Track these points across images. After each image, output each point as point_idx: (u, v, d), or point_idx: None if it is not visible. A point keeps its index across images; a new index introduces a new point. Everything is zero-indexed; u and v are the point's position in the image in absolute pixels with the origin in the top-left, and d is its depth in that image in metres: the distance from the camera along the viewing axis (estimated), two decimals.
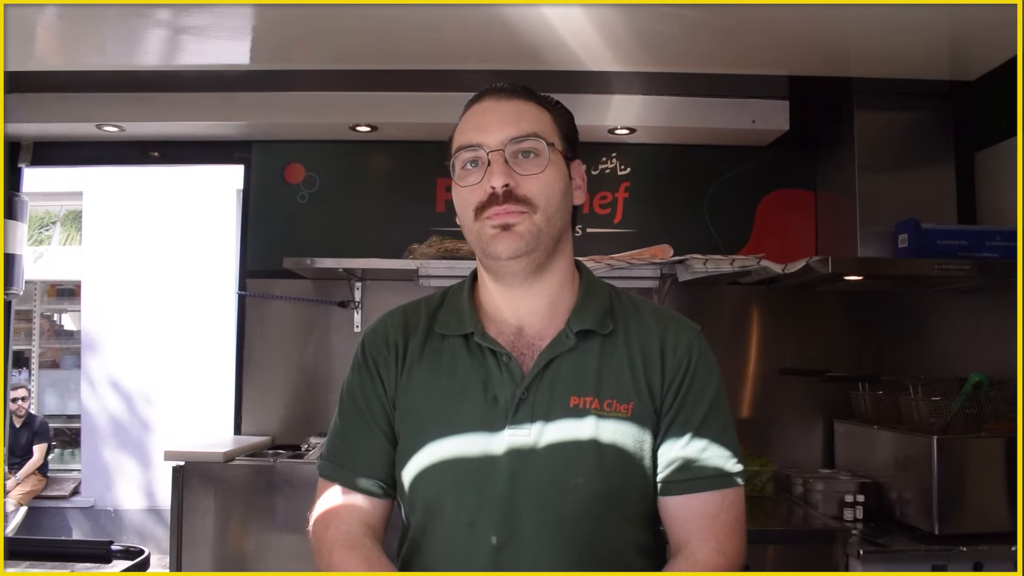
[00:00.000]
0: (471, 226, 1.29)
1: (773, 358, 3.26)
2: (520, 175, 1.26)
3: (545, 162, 1.27)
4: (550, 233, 1.28)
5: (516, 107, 1.30)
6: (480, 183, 1.26)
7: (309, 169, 3.38)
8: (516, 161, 1.26)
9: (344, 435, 1.36)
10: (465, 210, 1.29)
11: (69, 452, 7.76)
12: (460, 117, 1.35)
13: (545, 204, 1.27)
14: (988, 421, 2.62)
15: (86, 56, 2.71)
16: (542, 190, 1.26)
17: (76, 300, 7.74)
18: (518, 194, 1.25)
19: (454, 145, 1.32)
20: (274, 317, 3.34)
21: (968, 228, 2.83)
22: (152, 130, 3.25)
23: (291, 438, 3.22)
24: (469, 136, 1.28)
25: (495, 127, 1.27)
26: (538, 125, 1.29)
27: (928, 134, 3.00)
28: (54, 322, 8.39)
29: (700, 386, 1.30)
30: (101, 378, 7.24)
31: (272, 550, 2.78)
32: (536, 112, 1.31)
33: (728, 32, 2.54)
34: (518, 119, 1.28)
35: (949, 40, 2.62)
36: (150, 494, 7.04)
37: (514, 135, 1.26)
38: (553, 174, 1.28)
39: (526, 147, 1.27)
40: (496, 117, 1.28)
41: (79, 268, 7.45)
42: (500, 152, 1.25)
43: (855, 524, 2.62)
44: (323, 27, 2.51)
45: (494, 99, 1.31)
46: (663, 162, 3.37)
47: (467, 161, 1.28)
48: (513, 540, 1.22)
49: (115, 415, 7.20)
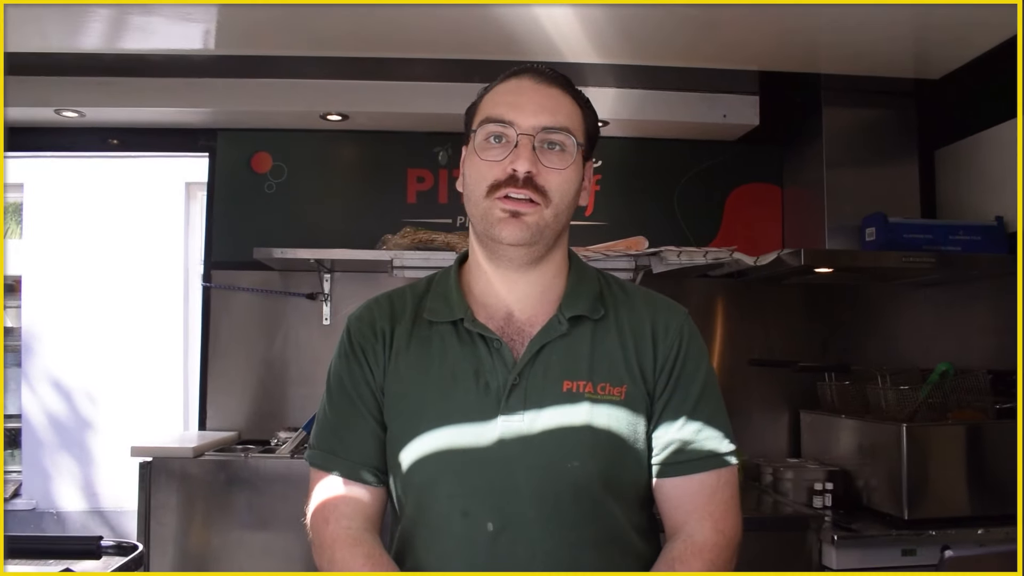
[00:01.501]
0: (480, 202, 1.27)
1: (740, 350, 3.31)
2: (544, 166, 1.25)
3: (571, 159, 1.27)
4: (555, 229, 1.28)
5: (555, 95, 1.28)
6: (502, 161, 1.24)
7: (277, 159, 3.31)
8: (542, 150, 1.25)
9: (334, 423, 1.33)
10: (478, 184, 1.27)
11: (9, 453, 7.47)
12: (490, 87, 1.32)
13: (559, 200, 1.26)
14: (951, 410, 2.71)
15: (29, 38, 2.56)
16: (559, 185, 1.26)
17: (16, 296, 7.46)
18: (537, 183, 1.24)
19: (481, 114, 1.29)
20: (240, 309, 3.26)
21: (933, 222, 2.92)
22: (113, 116, 3.13)
23: (258, 433, 3.15)
24: (502, 111, 1.26)
25: (531, 109, 1.25)
26: (572, 120, 1.28)
27: (893, 131, 3.08)
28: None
29: (692, 367, 1.31)
30: (42, 376, 6.98)
31: (243, 547, 2.72)
32: (571, 106, 1.30)
33: (701, 27, 2.57)
34: (555, 108, 1.27)
35: (914, 40, 2.69)
36: (93, 495, 6.83)
37: (548, 124, 1.25)
38: (573, 173, 1.28)
39: (556, 139, 1.26)
40: (533, 99, 1.27)
41: (19, 263, 7.18)
42: (531, 137, 1.24)
43: (825, 511, 2.67)
44: (293, 12, 2.44)
45: (534, 80, 1.29)
46: (634, 155, 3.39)
47: (492, 135, 1.26)
48: (509, 526, 1.21)
49: (57, 414, 6.95)
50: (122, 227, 6.88)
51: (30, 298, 7.07)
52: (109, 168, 6.67)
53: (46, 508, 6.84)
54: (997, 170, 2.90)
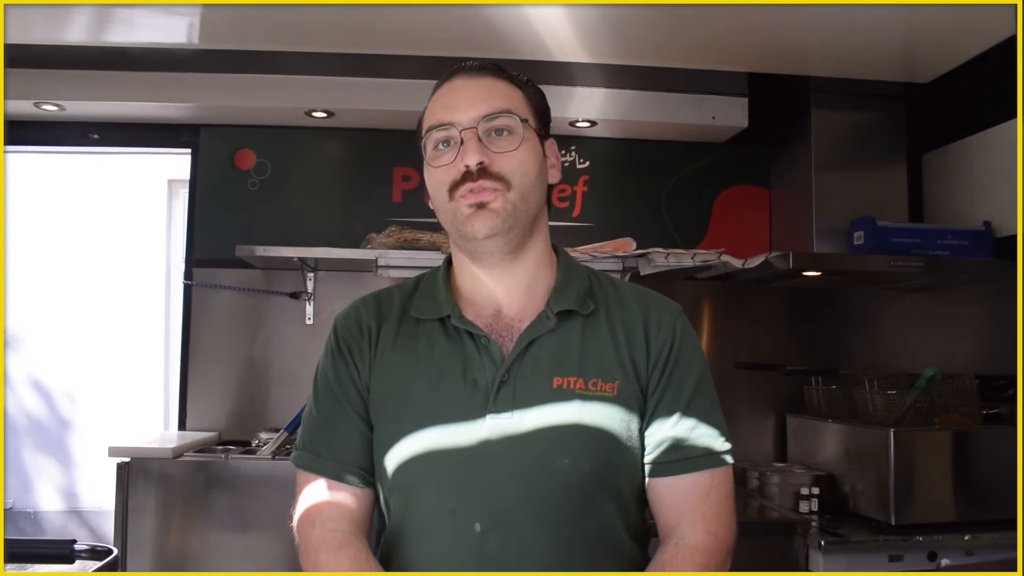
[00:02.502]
0: (446, 207, 1.26)
1: (727, 353, 3.29)
2: (494, 152, 1.23)
3: (519, 139, 1.25)
4: (526, 211, 1.26)
5: (487, 84, 1.27)
6: (453, 162, 1.23)
7: (260, 155, 3.25)
8: (489, 139, 1.24)
9: (320, 424, 1.31)
10: (439, 191, 1.26)
11: None
12: (429, 98, 1.32)
13: (520, 181, 1.24)
14: (939, 415, 2.70)
15: (9, 29, 2.49)
16: (517, 167, 1.24)
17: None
18: (492, 171, 1.23)
19: (424, 125, 1.29)
20: (222, 308, 3.20)
21: (921, 226, 2.92)
22: (94, 110, 3.07)
23: (239, 433, 3.10)
24: (440, 115, 1.25)
25: (466, 105, 1.24)
26: (510, 102, 1.27)
27: (882, 134, 3.08)
28: None
29: (686, 364, 1.29)
30: (19, 375, 6.89)
31: (222, 549, 2.66)
32: (508, 89, 1.29)
33: (690, 28, 2.56)
34: (490, 96, 1.26)
35: (904, 43, 2.69)
36: (71, 495, 6.74)
37: (487, 112, 1.24)
38: (527, 151, 1.26)
39: (499, 124, 1.25)
40: (467, 95, 1.26)
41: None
42: (473, 130, 1.23)
43: (811, 516, 2.66)
44: (278, 7, 2.41)
45: (464, 77, 1.28)
46: (622, 156, 3.36)
47: (439, 141, 1.26)
48: (498, 526, 1.19)
49: (34, 413, 6.86)
50: (104, 224, 6.81)
51: (9, 295, 6.98)
52: (90, 164, 6.59)
53: (23, 508, 6.75)
54: (986, 174, 2.90)
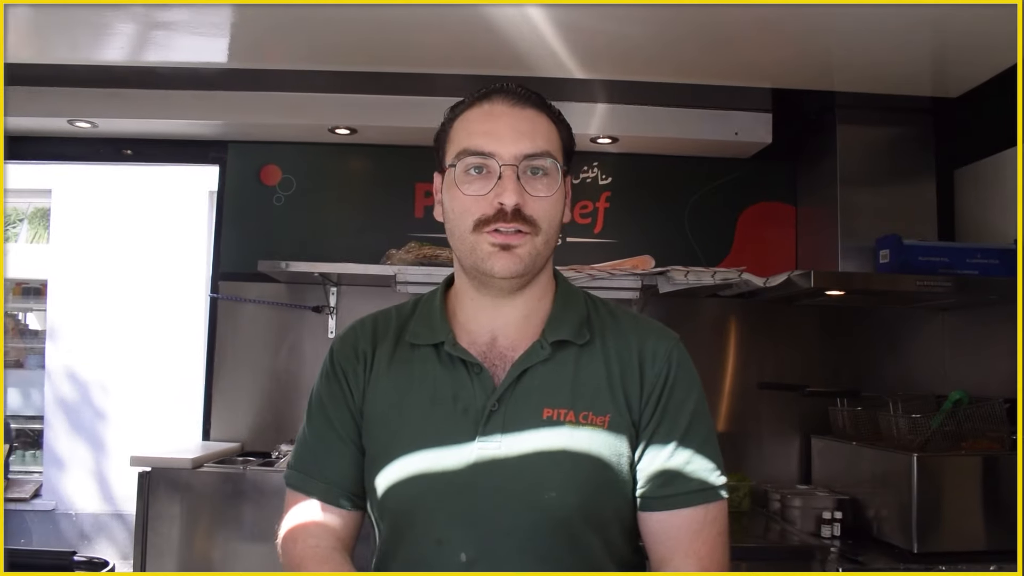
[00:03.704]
0: (466, 237, 1.23)
1: (751, 372, 3.25)
2: (530, 195, 1.21)
3: (556, 185, 1.23)
4: (545, 255, 1.25)
5: (531, 118, 1.24)
6: (487, 195, 1.20)
7: (286, 171, 3.31)
8: (527, 178, 1.21)
9: (312, 445, 1.31)
10: (463, 218, 1.22)
11: (31, 454, 7.58)
12: (458, 110, 1.28)
13: (547, 227, 1.23)
14: (966, 439, 2.62)
15: (56, 49, 2.61)
16: (547, 212, 1.22)
17: (42, 299, 7.58)
18: (526, 214, 1.20)
19: (456, 145, 1.24)
20: (247, 321, 3.26)
21: (949, 245, 2.84)
22: (125, 127, 3.16)
23: (261, 445, 3.15)
24: (479, 142, 1.21)
25: (510, 138, 1.21)
26: (551, 142, 1.24)
27: (910, 150, 3.01)
28: (19, 321, 8.20)
29: (680, 396, 1.26)
30: (66, 379, 7.09)
31: (240, 559, 2.70)
32: (548, 126, 1.26)
33: (714, 44, 2.53)
34: (533, 133, 1.23)
35: (932, 57, 2.63)
36: (113, 498, 6.90)
37: (530, 151, 1.21)
38: (559, 197, 1.25)
39: (539, 165, 1.22)
40: (510, 125, 1.22)
41: (46, 267, 7.30)
42: (514, 168, 1.20)
43: (832, 541, 2.60)
44: (303, 26, 2.45)
45: (506, 104, 1.24)
46: (645, 172, 3.34)
47: (472, 167, 1.22)
48: (484, 557, 1.18)
49: (79, 417, 7.05)
50: (147, 234, 6.97)
51: (56, 301, 7.18)
52: (134, 176, 6.76)
53: (64, 510, 6.92)
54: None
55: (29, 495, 6.98)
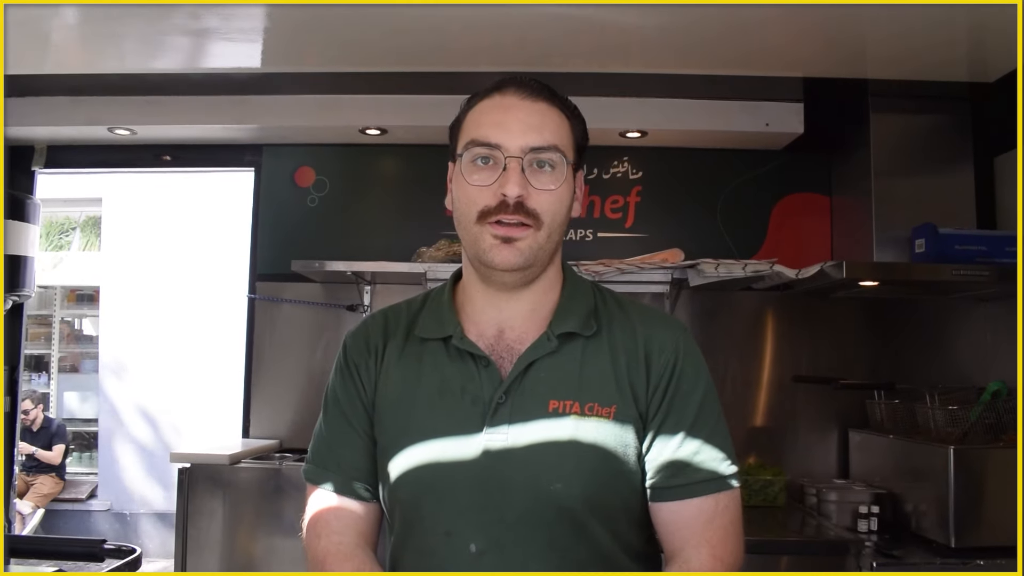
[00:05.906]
0: (470, 227, 1.24)
1: (787, 365, 3.20)
2: (534, 188, 1.21)
3: (562, 178, 1.23)
4: (549, 249, 1.25)
5: (541, 111, 1.24)
6: (491, 186, 1.21)
7: (319, 172, 3.37)
8: (532, 170, 1.22)
9: (328, 438, 1.34)
10: (468, 208, 1.23)
11: (87, 455, 7.80)
12: (473, 101, 1.28)
13: (551, 221, 1.23)
14: (1007, 431, 2.55)
15: (105, 60, 2.70)
16: (551, 206, 1.22)
17: (95, 305, 7.80)
18: (528, 206, 1.20)
19: (466, 135, 1.25)
20: (283, 320, 3.33)
21: (986, 233, 2.76)
22: (163, 133, 3.26)
23: (299, 442, 3.21)
24: (487, 132, 1.22)
25: (518, 130, 1.21)
26: (559, 136, 1.24)
27: (946, 137, 2.94)
28: (73, 327, 8.46)
29: (688, 387, 1.26)
30: (119, 382, 7.28)
31: (278, 554, 2.76)
32: (558, 119, 1.26)
33: (743, 34, 2.49)
34: (542, 126, 1.23)
35: (968, 41, 2.56)
36: (166, 497, 7.06)
37: (536, 144, 1.21)
38: (565, 191, 1.24)
39: (545, 158, 1.22)
40: (519, 118, 1.22)
41: (98, 274, 7.51)
42: (519, 160, 1.20)
43: (869, 535, 2.56)
44: (333, 29, 2.49)
45: (518, 95, 1.24)
46: (675, 165, 3.33)
47: (479, 157, 1.23)
48: (493, 548, 1.19)
49: (132, 418, 7.23)
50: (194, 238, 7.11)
51: (108, 307, 7.38)
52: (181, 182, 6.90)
53: (119, 509, 7.11)
54: None
55: (85, 496, 7.19)
